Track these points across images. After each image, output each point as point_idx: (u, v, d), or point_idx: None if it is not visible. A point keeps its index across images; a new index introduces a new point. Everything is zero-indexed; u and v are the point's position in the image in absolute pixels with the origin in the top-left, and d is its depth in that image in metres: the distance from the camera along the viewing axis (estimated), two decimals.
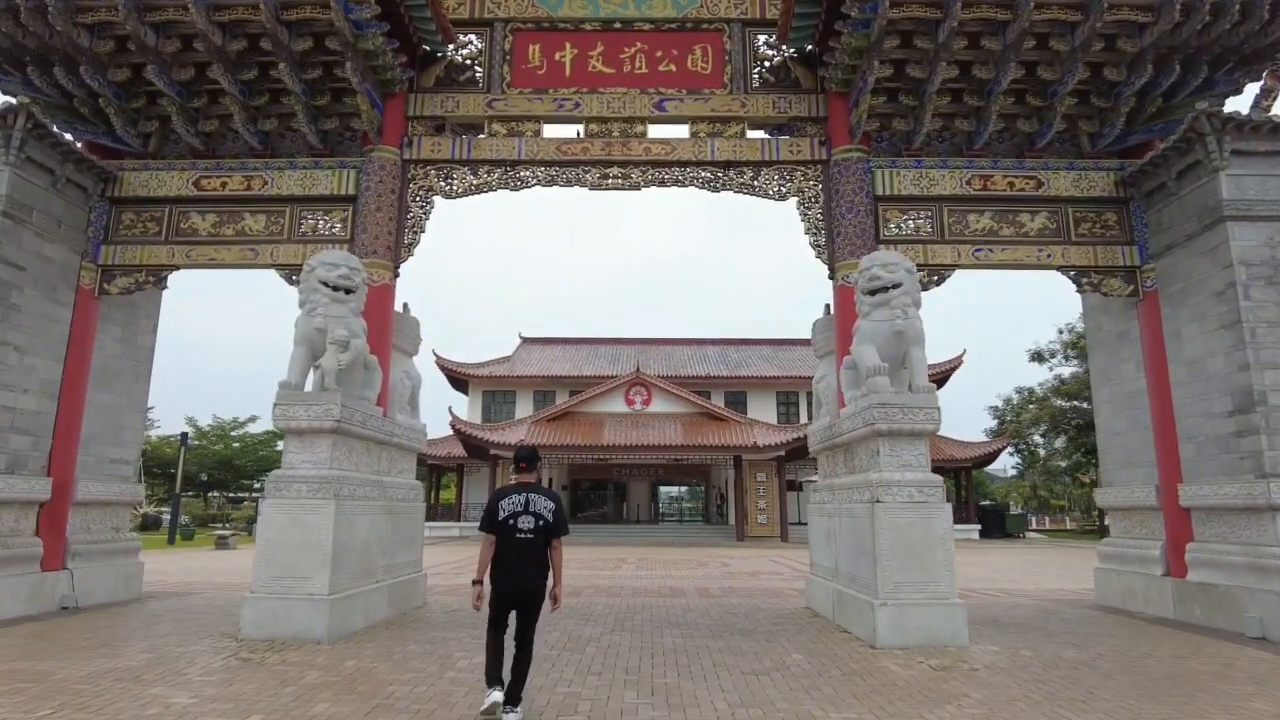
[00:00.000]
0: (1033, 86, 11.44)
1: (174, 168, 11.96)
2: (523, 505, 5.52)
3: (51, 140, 10.73)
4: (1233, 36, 10.54)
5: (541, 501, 5.57)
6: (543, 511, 5.53)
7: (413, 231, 12.00)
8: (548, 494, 5.71)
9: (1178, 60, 10.73)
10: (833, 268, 11.74)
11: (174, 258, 11.71)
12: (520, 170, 12.17)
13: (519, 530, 5.45)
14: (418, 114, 12.28)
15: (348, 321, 9.71)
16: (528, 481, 5.71)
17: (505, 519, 5.48)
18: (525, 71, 12.49)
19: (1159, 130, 11.66)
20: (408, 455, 11.82)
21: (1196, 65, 10.85)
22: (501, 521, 5.47)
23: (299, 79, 11.16)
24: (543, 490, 5.73)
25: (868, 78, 11.00)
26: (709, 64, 12.49)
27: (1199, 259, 10.67)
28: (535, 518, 5.50)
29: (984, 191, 11.85)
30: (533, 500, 5.55)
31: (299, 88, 11.17)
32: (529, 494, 5.57)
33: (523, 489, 5.62)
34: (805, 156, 12.09)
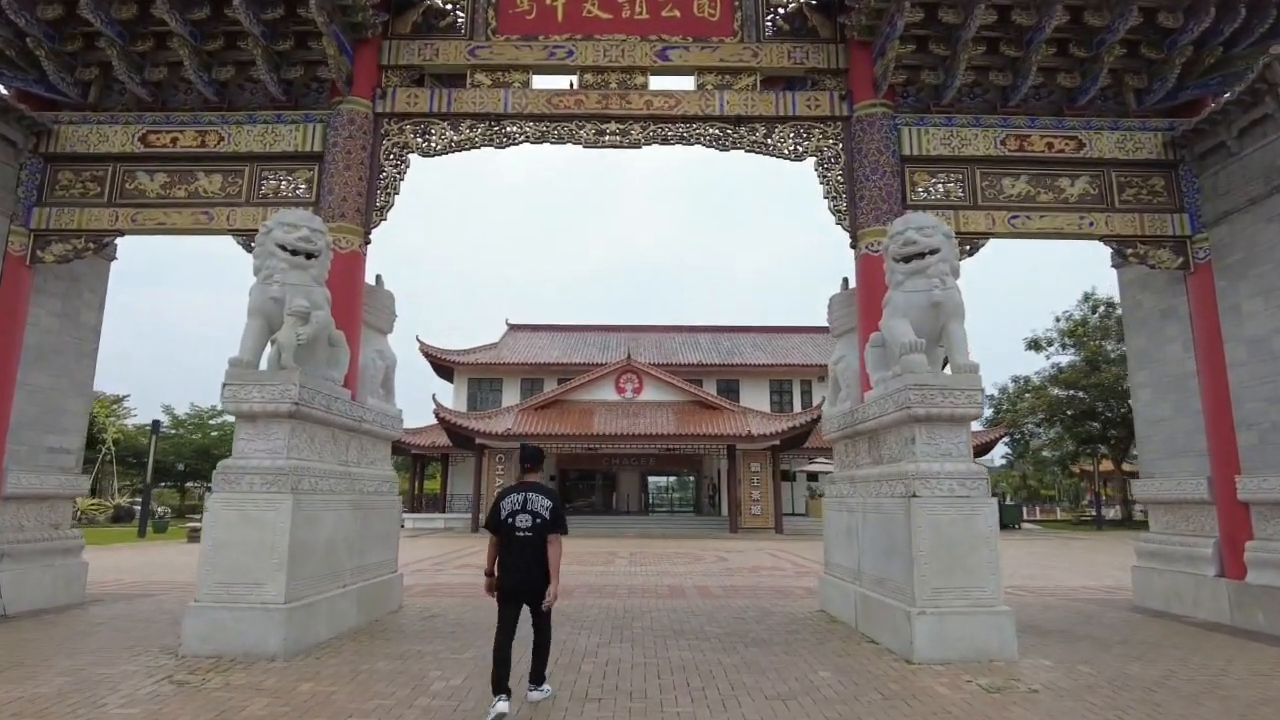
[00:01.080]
0: (1077, 35, 10.33)
1: (118, 120, 10.64)
2: (520, 504, 5.70)
3: None
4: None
5: (539, 500, 5.72)
6: (540, 510, 5.67)
7: (386, 193, 10.75)
8: (546, 492, 5.84)
9: (1243, 2, 9.64)
10: (855, 234, 10.60)
11: (118, 221, 10.40)
12: (506, 125, 10.93)
13: (518, 529, 5.63)
14: (392, 63, 11.01)
15: (309, 291, 8.49)
16: (530, 480, 5.93)
17: (505, 518, 5.68)
18: (513, 17, 11.23)
19: (1215, 84, 10.57)
20: (381, 444, 10.61)
21: (1264, 8, 9.75)
22: (503, 521, 5.67)
23: (257, 19, 9.86)
24: (541, 489, 5.85)
25: (897, 21, 9.83)
26: (717, 9, 11.28)
27: (1265, 225, 9.60)
28: (533, 516, 5.65)
29: (1020, 152, 10.72)
30: (530, 499, 5.71)
31: (258, 29, 9.87)
32: (527, 493, 5.75)
33: (523, 488, 5.82)
34: (824, 112, 10.92)
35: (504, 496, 5.79)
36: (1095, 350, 42.71)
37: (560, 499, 6.03)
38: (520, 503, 5.68)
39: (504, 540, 5.65)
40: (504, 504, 5.72)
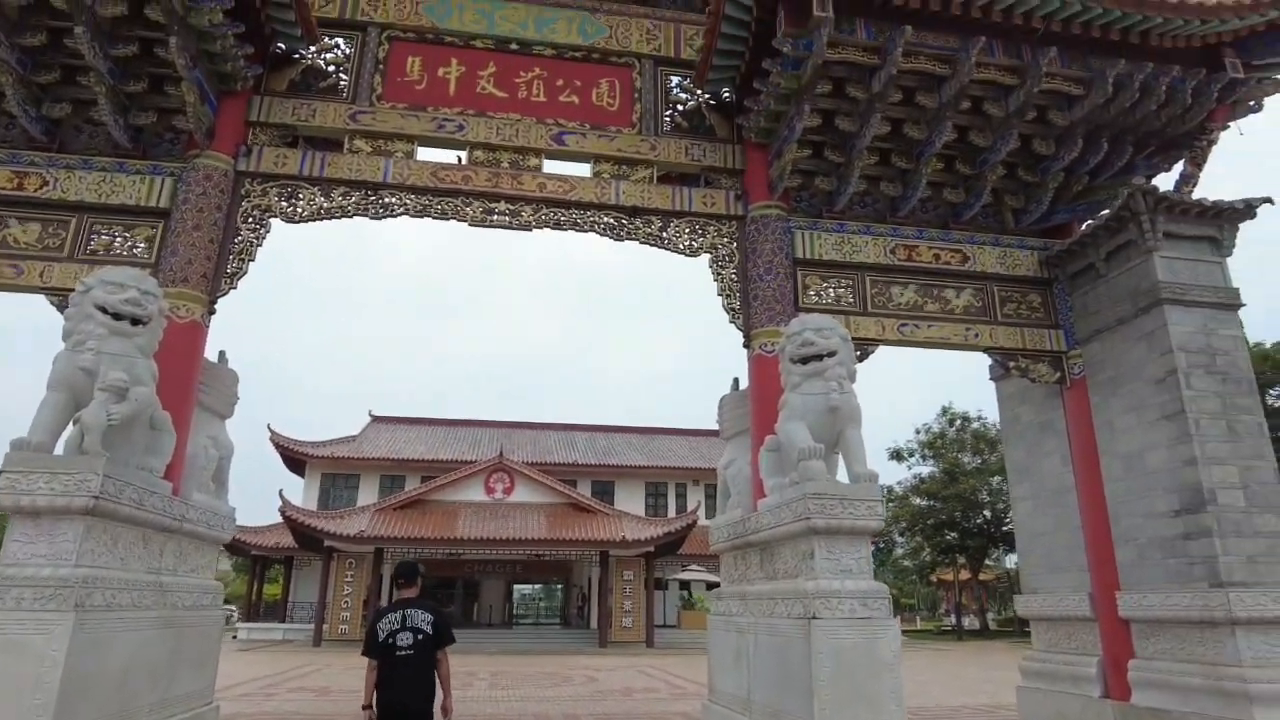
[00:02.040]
0: (963, 153, 10.74)
1: None
2: (399, 622, 5.47)
3: None
4: (1156, 120, 10.23)
5: (419, 615, 5.50)
6: (421, 625, 5.47)
7: (239, 259, 9.58)
8: (427, 607, 5.62)
9: (1105, 138, 10.31)
10: (748, 334, 10.27)
11: None
12: (385, 195, 10.09)
13: (399, 648, 5.39)
14: (262, 120, 10.04)
15: (131, 363, 7.17)
16: (407, 597, 5.69)
17: (384, 640, 5.42)
18: (401, 85, 10.59)
19: (1082, 210, 11.21)
20: (205, 547, 9.00)
21: (1122, 146, 10.47)
22: (381, 643, 5.41)
23: (104, 54, 8.73)
24: (421, 604, 5.63)
25: (795, 125, 9.87)
26: (616, 100, 11.07)
27: (1133, 345, 9.98)
28: (414, 633, 5.44)
29: (908, 262, 10.87)
30: (410, 615, 5.49)
31: (104, 65, 8.73)
32: (405, 610, 5.53)
33: (400, 605, 5.60)
34: (720, 210, 10.76)
35: (380, 618, 5.56)
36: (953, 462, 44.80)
37: (445, 612, 5.80)
38: (399, 621, 5.46)
39: (385, 662, 5.38)
40: (381, 625, 5.47)
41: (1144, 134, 10.45)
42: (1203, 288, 9.72)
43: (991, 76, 9.75)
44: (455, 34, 10.90)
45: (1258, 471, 9.17)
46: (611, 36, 11.33)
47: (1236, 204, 9.78)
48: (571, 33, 11.20)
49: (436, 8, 10.95)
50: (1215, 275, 9.85)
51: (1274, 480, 9.21)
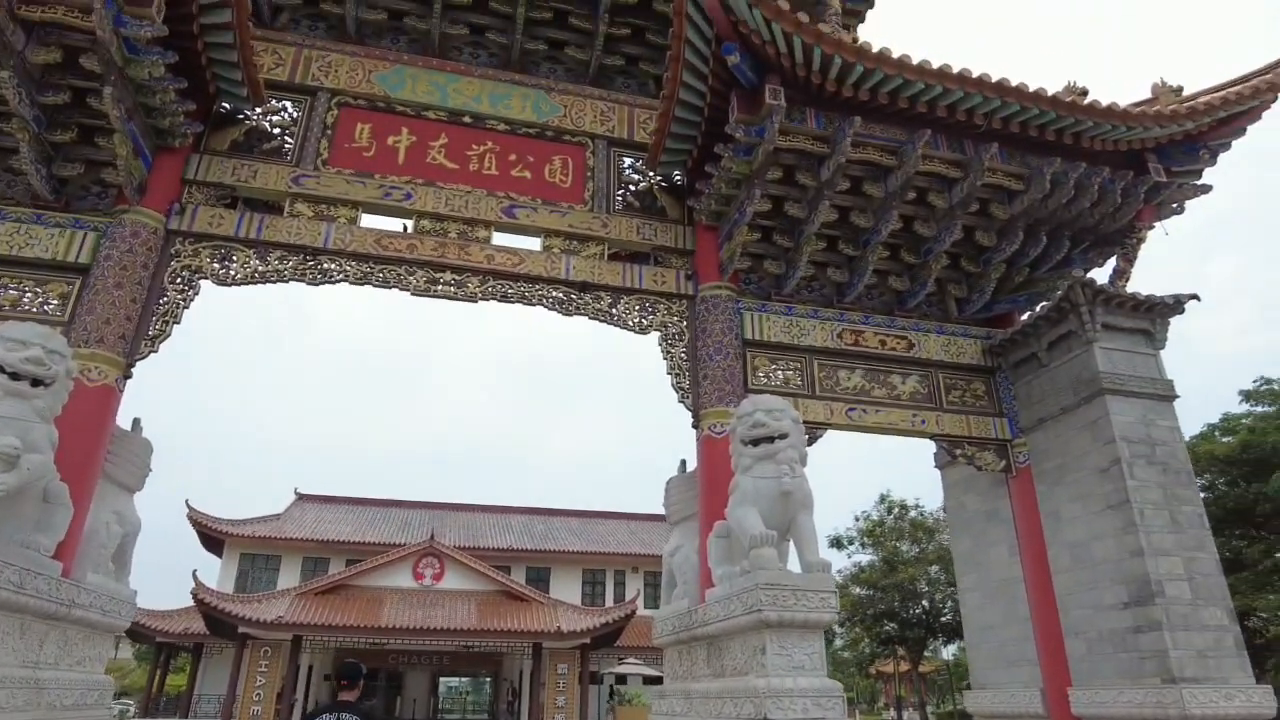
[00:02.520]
0: (908, 242, 10.96)
1: None
2: None
3: None
4: (1090, 216, 10.65)
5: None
6: None
7: (163, 320, 9.02)
8: (362, 713, 5.45)
9: (1044, 232, 10.66)
10: (697, 414, 10.04)
11: None
12: (324, 261, 9.72)
13: None
14: (199, 178, 9.67)
15: (27, 428, 6.55)
16: (345, 700, 5.54)
17: None
18: (348, 151, 10.37)
19: (1023, 301, 11.49)
20: (97, 637, 8.07)
21: (1059, 240, 10.84)
22: None
23: (32, 101, 8.31)
24: (358, 709, 5.45)
25: (746, 209, 9.94)
26: (569, 177, 11.05)
27: (1077, 434, 10.07)
28: None
29: (855, 347, 10.91)
30: None
31: (29, 113, 8.29)
32: (340, 713, 5.38)
33: (336, 708, 5.45)
34: (670, 289, 10.67)
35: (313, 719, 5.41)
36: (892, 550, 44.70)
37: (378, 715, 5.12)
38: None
39: None
40: None
41: (1080, 229, 10.85)
42: (1141, 379, 9.94)
43: (936, 169, 10.05)
44: (408, 104, 10.82)
45: (1200, 563, 9.19)
46: (566, 116, 11.41)
47: (1167, 299, 10.13)
48: (526, 110, 11.24)
49: (390, 77, 10.88)
50: (1151, 367, 10.11)
51: (1215, 572, 9.24)
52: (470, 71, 11.34)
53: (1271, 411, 23.09)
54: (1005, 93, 9.46)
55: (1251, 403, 24.36)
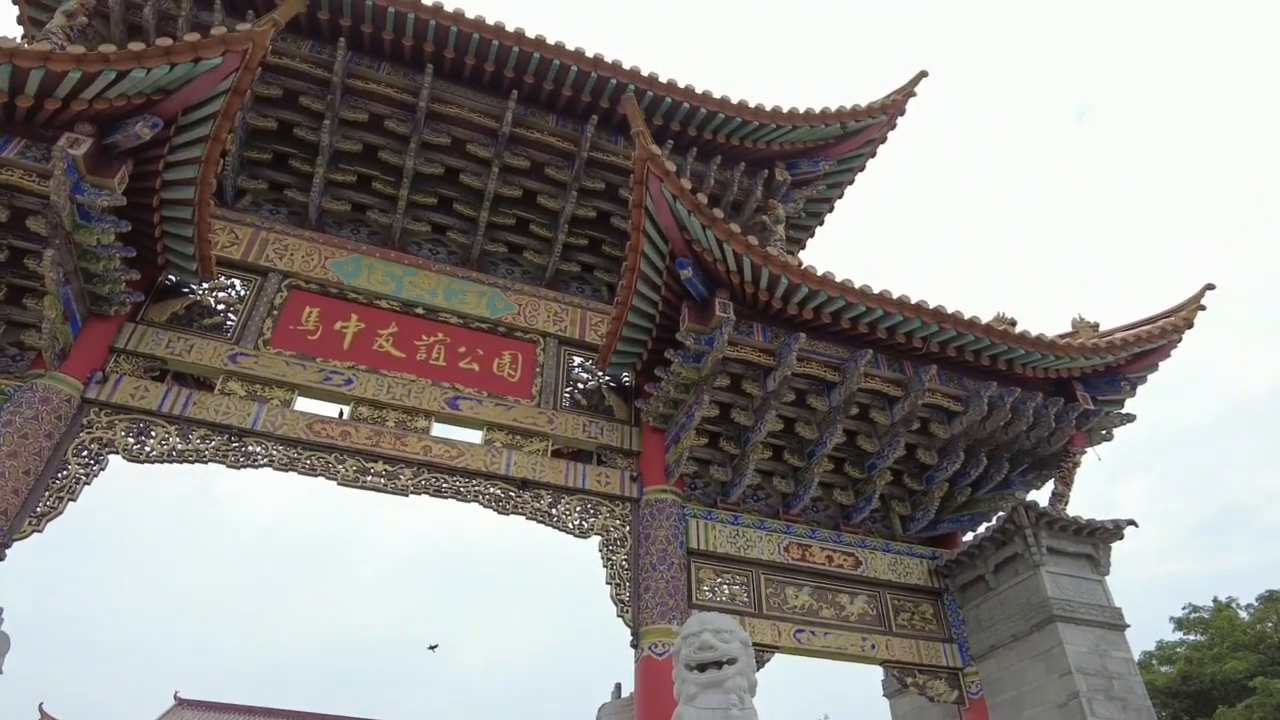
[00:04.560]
0: (852, 456, 11.01)
1: None
2: None
3: None
4: (1027, 439, 10.94)
5: None
6: None
7: (58, 497, 8.18)
8: None
9: (984, 453, 10.86)
10: (637, 632, 9.32)
11: None
12: (250, 444, 9.14)
13: None
14: (130, 348, 9.23)
15: None
16: None
17: None
18: (292, 333, 10.15)
19: (966, 521, 11.45)
20: None
21: (999, 461, 11.03)
22: None
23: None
24: None
25: (694, 413, 9.91)
26: (518, 372, 10.97)
27: (1031, 663, 9.62)
28: None
29: (802, 562, 10.54)
30: None
31: None
32: None
33: None
34: (614, 490, 10.32)
35: None
36: None
37: None
38: None
39: None
40: None
41: (1018, 452, 11.10)
42: (1089, 605, 9.73)
43: (878, 386, 10.33)
44: (361, 292, 10.85)
45: None
46: (520, 314, 11.57)
47: (1107, 524, 10.19)
48: (481, 306, 11.38)
49: (346, 265, 10.97)
50: (1099, 594, 9.94)
51: None
52: (429, 266, 11.56)
53: (1204, 641, 23.11)
54: (941, 319, 9.97)
55: (1184, 631, 24.49)
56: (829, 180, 13.81)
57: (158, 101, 8.26)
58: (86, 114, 7.99)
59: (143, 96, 8.17)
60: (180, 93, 8.30)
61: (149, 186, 8.70)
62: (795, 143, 12.96)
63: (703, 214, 9.31)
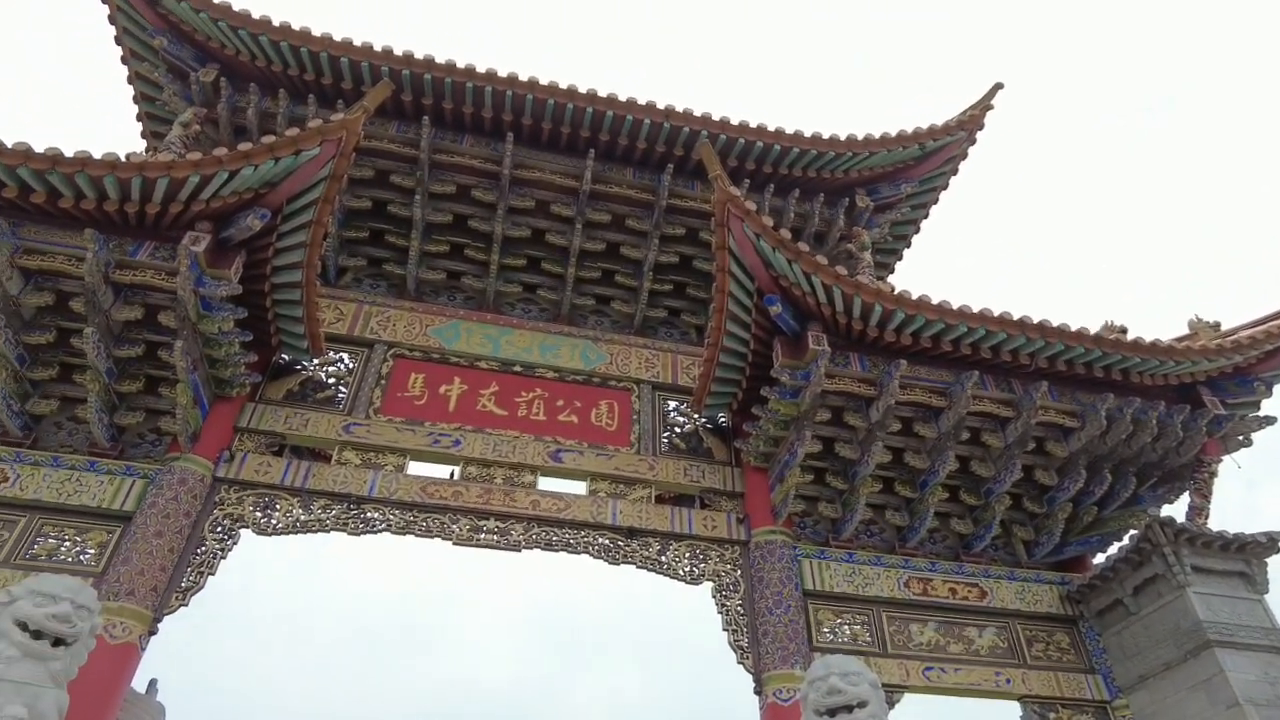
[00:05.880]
0: (967, 483, 10.61)
1: None
2: None
3: None
4: (1153, 451, 10.31)
5: None
6: None
7: (198, 572, 8.65)
8: None
9: (1107, 469, 10.28)
10: (759, 678, 9.09)
11: None
12: (368, 510, 9.47)
13: None
14: (252, 427, 9.77)
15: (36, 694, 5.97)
16: None
17: None
18: (400, 400, 10.56)
19: (1095, 542, 10.82)
20: None
21: (1125, 477, 10.42)
22: None
23: (108, 354, 8.71)
24: None
25: (796, 450, 9.76)
26: (615, 421, 11.08)
27: (1189, 694, 8.91)
28: None
29: (925, 597, 10.13)
30: None
31: (104, 364, 8.64)
32: None
33: None
34: (721, 534, 10.20)
35: None
36: None
37: None
38: None
39: None
40: None
41: (1145, 465, 10.46)
42: (1250, 628, 8.98)
43: (987, 408, 9.97)
44: (461, 355, 11.23)
45: None
46: (612, 363, 11.73)
47: (1258, 537, 9.44)
48: (574, 358, 11.59)
49: (445, 331, 11.40)
50: (1259, 614, 9.16)
51: None
52: (523, 324, 11.91)
53: None
54: (1046, 333, 9.60)
55: None
56: (912, 202, 13.61)
57: (265, 194, 8.85)
58: (204, 213, 8.62)
59: (252, 191, 8.77)
60: (284, 184, 8.87)
61: (261, 274, 9.29)
62: (874, 168, 12.83)
63: (787, 249, 9.31)
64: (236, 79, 11.59)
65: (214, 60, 11.48)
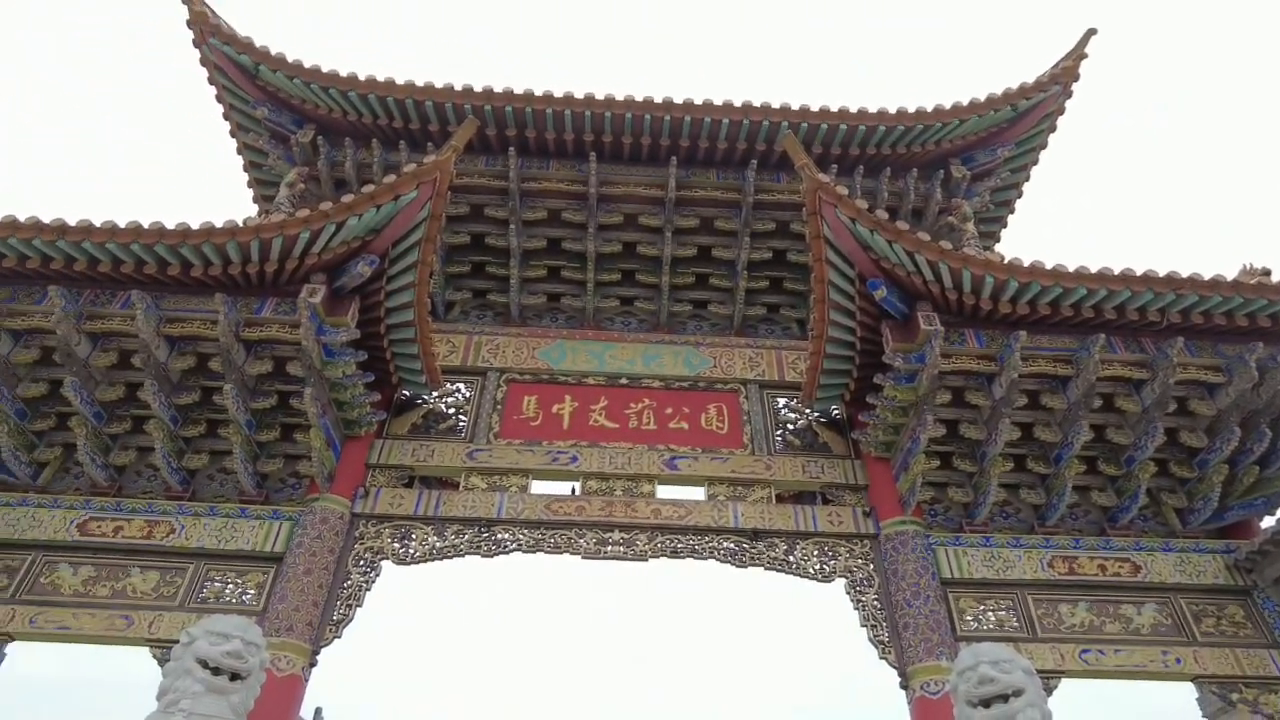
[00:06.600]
0: (1105, 453, 10.01)
1: (60, 504, 9.38)
2: None
3: None
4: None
5: None
6: None
7: (347, 605, 9.11)
8: None
9: (1265, 423, 9.49)
10: (904, 672, 8.84)
11: (11, 622, 8.48)
12: (498, 531, 9.77)
13: None
14: (382, 462, 10.25)
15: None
16: None
17: None
18: (517, 422, 10.86)
19: (1260, 505, 9.95)
20: None
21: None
22: None
23: (246, 407, 9.33)
24: None
25: (919, 436, 9.44)
26: (725, 423, 11.04)
27: None
28: None
29: (1070, 576, 9.59)
30: None
31: (244, 417, 9.26)
32: None
33: None
34: (849, 529, 9.98)
35: None
36: None
37: None
38: None
39: None
40: None
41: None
42: None
43: (1119, 372, 9.40)
44: (569, 374, 11.46)
45: None
46: (716, 366, 11.71)
47: None
48: (678, 365, 11.64)
49: (551, 352, 11.67)
50: None
51: None
52: (624, 338, 12.06)
53: None
54: (1177, 285, 8.98)
55: None
56: (1010, 166, 13.01)
57: (371, 241, 9.28)
58: (318, 265, 9.11)
59: (359, 240, 9.22)
60: (388, 229, 9.29)
61: (376, 316, 9.73)
62: (965, 136, 12.35)
63: (885, 229, 9.08)
64: (331, 135, 12.26)
65: (310, 121, 12.19)
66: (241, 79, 12.00)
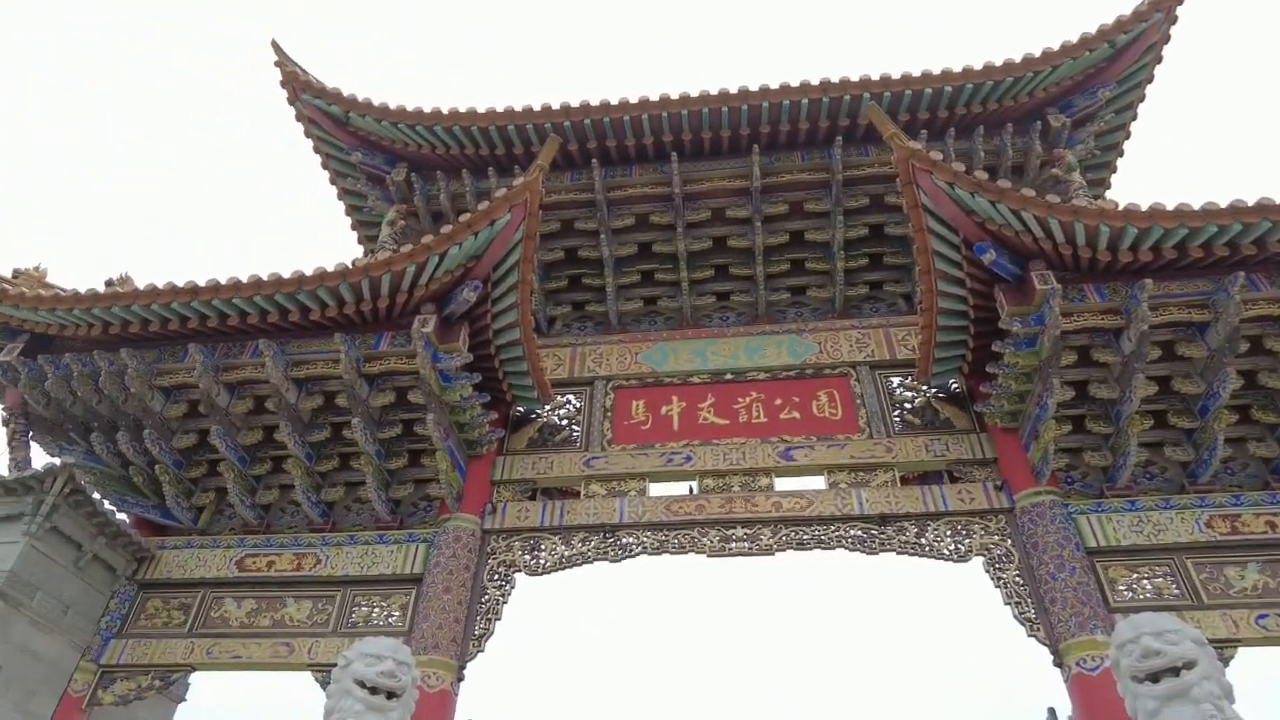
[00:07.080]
0: (1258, 400, 9.29)
1: (219, 544, 10.18)
2: None
3: (89, 509, 9.20)
4: None
5: None
6: None
7: (486, 619, 9.43)
8: None
9: None
10: (1056, 648, 8.43)
11: (191, 654, 9.27)
12: (622, 536, 9.91)
13: None
14: (505, 478, 10.57)
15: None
16: None
17: None
18: (628, 428, 10.99)
19: None
20: None
21: None
22: None
23: (373, 438, 9.81)
24: None
25: (1046, 402, 9.00)
26: (838, 409, 10.82)
27: None
28: None
29: (1234, 535, 8.90)
30: None
31: (373, 448, 9.75)
32: None
33: None
34: (980, 505, 9.60)
35: None
36: None
37: None
38: None
39: None
40: None
41: None
42: None
43: (1264, 311, 8.68)
44: (674, 375, 11.50)
45: None
46: (822, 352, 11.49)
47: None
48: (782, 355, 11.50)
49: (654, 355, 11.75)
50: None
51: None
52: (724, 333, 12.01)
53: None
54: None
55: None
56: (1114, 107, 12.24)
57: (473, 267, 9.59)
58: (426, 296, 9.50)
59: (461, 267, 9.55)
60: (487, 254, 9.57)
61: (485, 339, 10.05)
62: (1060, 82, 11.70)
63: (987, 189, 8.72)
64: (423, 170, 12.75)
65: (401, 159, 12.72)
66: (334, 128, 12.65)
